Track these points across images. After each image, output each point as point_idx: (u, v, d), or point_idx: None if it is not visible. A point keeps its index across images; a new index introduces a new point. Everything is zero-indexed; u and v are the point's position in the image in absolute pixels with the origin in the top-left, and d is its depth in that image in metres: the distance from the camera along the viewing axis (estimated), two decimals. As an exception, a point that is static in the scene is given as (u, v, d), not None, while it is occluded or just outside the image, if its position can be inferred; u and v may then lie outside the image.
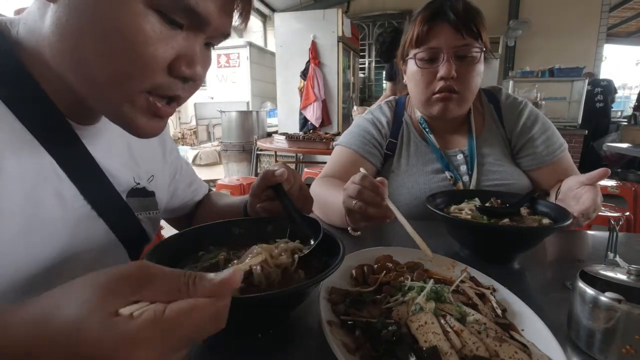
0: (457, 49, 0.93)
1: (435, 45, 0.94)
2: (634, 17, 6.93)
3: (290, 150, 3.28)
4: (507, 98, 1.10)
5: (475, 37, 0.93)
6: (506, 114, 1.07)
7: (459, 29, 0.91)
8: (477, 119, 1.08)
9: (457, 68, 0.93)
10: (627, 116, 5.94)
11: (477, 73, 0.97)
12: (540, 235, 0.72)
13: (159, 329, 0.25)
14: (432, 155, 1.07)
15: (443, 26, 0.93)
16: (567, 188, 0.82)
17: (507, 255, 0.73)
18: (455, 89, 0.95)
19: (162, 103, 0.48)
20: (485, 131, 1.07)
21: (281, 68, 4.75)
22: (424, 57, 0.96)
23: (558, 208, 0.77)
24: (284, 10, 6.42)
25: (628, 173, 3.00)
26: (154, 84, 0.46)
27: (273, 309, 0.49)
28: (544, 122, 1.06)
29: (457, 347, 0.41)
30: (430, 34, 0.95)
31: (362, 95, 6.35)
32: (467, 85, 0.96)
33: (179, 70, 0.46)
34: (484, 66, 1.00)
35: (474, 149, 1.04)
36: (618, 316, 0.43)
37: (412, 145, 1.09)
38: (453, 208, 0.84)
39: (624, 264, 0.65)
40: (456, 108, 0.99)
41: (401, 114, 1.14)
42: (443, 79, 0.94)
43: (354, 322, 0.46)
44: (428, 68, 0.96)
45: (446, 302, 0.49)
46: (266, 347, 0.48)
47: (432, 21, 0.94)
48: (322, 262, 0.56)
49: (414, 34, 0.97)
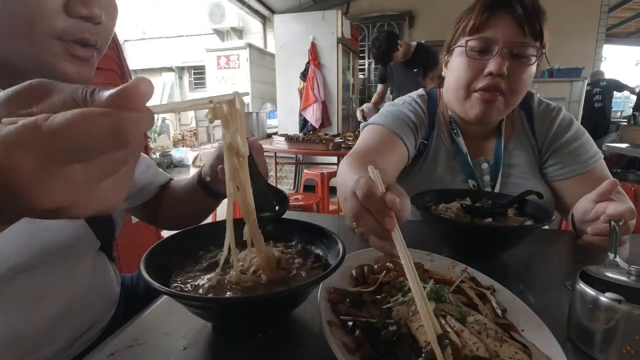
0: (514, 45, 0.83)
1: (491, 36, 0.84)
2: (634, 18, 6.94)
3: (290, 151, 3.28)
4: (540, 105, 1.02)
5: (536, 36, 0.84)
6: (538, 122, 0.99)
7: (522, 24, 0.82)
8: (507, 126, 1.01)
9: (509, 66, 0.83)
10: (627, 116, 5.94)
11: (529, 76, 0.87)
12: (516, 235, 0.72)
13: (41, 133, 0.22)
14: (457, 161, 0.99)
15: (505, 17, 0.84)
16: (582, 212, 0.72)
17: (485, 254, 0.74)
18: (502, 88, 0.86)
19: (77, 47, 0.52)
20: (514, 140, 1.00)
21: (281, 69, 4.75)
22: (476, 47, 0.86)
23: (544, 210, 0.77)
24: (283, 11, 6.43)
25: (628, 173, 2.99)
26: (57, 27, 0.49)
27: (273, 309, 0.49)
28: (578, 129, 0.97)
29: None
30: (488, 22, 0.85)
31: (362, 97, 6.35)
32: (516, 88, 0.87)
33: (74, 9, 0.50)
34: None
35: (501, 159, 0.97)
36: (618, 316, 0.43)
37: (442, 150, 1.00)
38: (441, 206, 0.84)
39: (624, 264, 0.65)
40: (497, 113, 0.90)
41: (433, 111, 1.04)
42: (491, 74, 0.84)
43: (354, 322, 0.46)
44: (478, 59, 0.86)
45: (446, 302, 0.49)
46: (266, 347, 0.48)
47: (494, 9, 0.85)
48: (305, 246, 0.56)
49: (470, 21, 0.87)
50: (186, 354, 0.47)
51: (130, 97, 0.24)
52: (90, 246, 0.68)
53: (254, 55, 6.14)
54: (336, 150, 3.00)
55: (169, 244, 0.56)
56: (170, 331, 0.51)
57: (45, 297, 0.59)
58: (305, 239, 0.62)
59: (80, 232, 0.64)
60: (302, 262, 0.56)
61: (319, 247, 0.60)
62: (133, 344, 0.48)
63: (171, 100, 9.92)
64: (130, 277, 0.89)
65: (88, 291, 0.66)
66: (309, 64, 4.46)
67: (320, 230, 0.60)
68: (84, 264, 0.66)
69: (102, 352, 0.47)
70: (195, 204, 0.84)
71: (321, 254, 0.59)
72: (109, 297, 0.74)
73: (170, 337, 0.50)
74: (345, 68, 4.81)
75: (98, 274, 0.70)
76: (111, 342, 0.49)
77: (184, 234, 0.60)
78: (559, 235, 0.91)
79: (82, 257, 0.66)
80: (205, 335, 0.50)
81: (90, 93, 0.25)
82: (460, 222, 0.76)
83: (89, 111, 0.23)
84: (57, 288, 0.61)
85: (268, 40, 7.34)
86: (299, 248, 0.61)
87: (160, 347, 0.48)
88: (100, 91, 0.25)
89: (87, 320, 0.66)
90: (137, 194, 0.85)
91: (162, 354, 0.47)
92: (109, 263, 0.76)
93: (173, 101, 0.43)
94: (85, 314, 0.66)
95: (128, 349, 0.48)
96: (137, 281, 0.88)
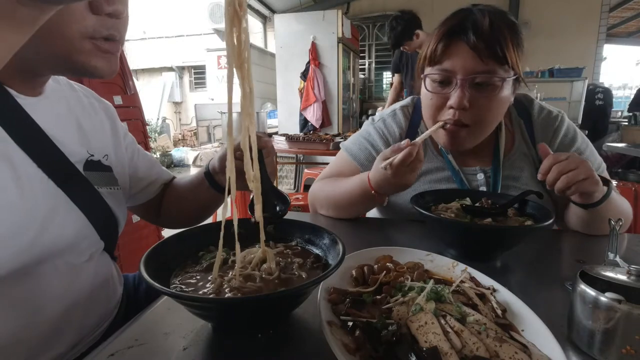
0: (474, 75, 0.79)
1: (449, 67, 0.81)
2: (634, 17, 6.92)
3: (290, 151, 3.28)
4: (541, 112, 0.95)
5: (499, 61, 0.78)
6: (539, 131, 0.94)
7: (479, 52, 0.77)
8: (507, 135, 0.95)
9: (471, 97, 0.80)
10: (627, 116, 5.93)
11: (499, 104, 0.82)
12: (516, 235, 0.72)
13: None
14: (446, 172, 0.95)
15: (461, 46, 0.79)
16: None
17: (485, 254, 0.74)
18: (464, 122, 0.82)
19: (105, 42, 0.56)
20: (515, 151, 0.94)
21: (281, 69, 4.75)
22: (436, 79, 0.83)
23: (544, 210, 0.77)
24: (283, 11, 6.43)
25: (628, 173, 2.98)
26: (88, 27, 0.52)
27: (273, 309, 0.49)
28: (583, 140, 0.92)
29: (457, 348, 0.41)
30: (446, 52, 0.81)
31: (362, 96, 6.35)
32: (482, 119, 0.83)
33: (100, 7, 0.52)
34: (514, 90, 0.86)
35: (500, 170, 0.91)
36: (618, 316, 0.43)
37: (427, 161, 0.96)
38: (441, 206, 0.84)
39: (624, 264, 0.65)
40: (467, 142, 0.87)
41: (417, 122, 1.00)
42: (452, 108, 0.81)
43: (354, 322, 0.46)
44: (438, 93, 0.84)
45: (446, 302, 0.49)
46: (266, 347, 0.48)
47: (450, 38, 0.80)
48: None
49: (428, 50, 0.85)
50: (186, 354, 0.47)
51: None
52: (94, 247, 0.68)
53: (254, 55, 6.13)
54: (337, 150, 2.98)
55: (169, 244, 0.56)
56: (170, 331, 0.51)
57: (49, 299, 0.59)
58: (305, 239, 0.62)
59: (84, 232, 0.63)
60: (302, 262, 0.56)
61: (319, 247, 0.60)
62: (133, 344, 0.48)
63: (172, 100, 9.91)
64: (132, 276, 0.89)
65: (91, 292, 0.66)
66: (309, 64, 4.46)
67: (320, 231, 0.60)
68: (87, 265, 0.66)
69: (102, 353, 0.47)
70: (200, 199, 0.85)
71: (321, 254, 0.59)
72: (112, 298, 0.74)
73: (170, 337, 0.50)
74: (345, 68, 4.81)
75: (101, 274, 0.70)
76: (111, 343, 0.49)
77: (184, 234, 0.60)
78: (559, 235, 0.91)
79: (86, 258, 0.66)
80: (205, 335, 0.50)
81: None
82: (460, 222, 0.76)
83: None
84: (61, 290, 0.61)
85: (268, 40, 7.34)
86: (299, 248, 0.61)
87: (160, 348, 0.48)
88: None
89: (90, 322, 0.66)
90: (141, 192, 0.85)
91: (162, 354, 0.47)
92: (112, 263, 0.76)
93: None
94: (89, 315, 0.66)
95: (128, 349, 0.48)
96: (140, 281, 0.88)
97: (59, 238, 0.58)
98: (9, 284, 0.53)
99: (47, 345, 0.58)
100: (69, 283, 0.62)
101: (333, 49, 4.46)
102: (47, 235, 0.56)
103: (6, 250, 0.51)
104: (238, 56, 0.40)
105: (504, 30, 0.78)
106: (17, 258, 0.53)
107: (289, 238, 0.63)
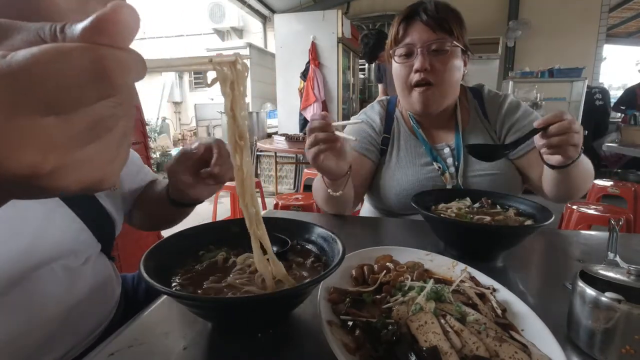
0: (429, 43, 1.00)
1: (410, 42, 1.02)
2: (634, 18, 6.92)
3: (290, 151, 3.28)
4: (490, 93, 1.17)
5: (447, 32, 1.00)
6: (489, 107, 1.14)
7: (430, 25, 1.00)
8: (463, 114, 1.14)
9: (431, 61, 1.00)
10: (624, 116, 5.94)
11: (452, 66, 1.02)
12: (516, 235, 0.72)
13: (3, 73, 0.18)
14: (421, 148, 1.12)
15: (417, 24, 1.02)
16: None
17: (485, 254, 0.74)
18: (430, 81, 1.01)
19: None
20: (470, 125, 1.13)
21: (281, 69, 4.75)
22: (402, 53, 1.05)
23: (543, 210, 0.77)
24: (283, 11, 6.42)
25: (628, 173, 2.98)
26: None
27: (273, 309, 0.49)
28: (527, 109, 1.10)
29: (457, 347, 0.41)
30: (406, 32, 1.04)
31: (362, 96, 6.35)
32: (443, 78, 1.01)
33: None
34: (464, 63, 1.07)
35: (460, 142, 1.10)
36: (618, 316, 0.43)
37: (403, 140, 1.15)
38: (441, 206, 0.85)
39: (624, 264, 0.65)
40: (436, 101, 1.04)
41: (393, 110, 1.22)
42: (418, 71, 1.01)
43: (354, 322, 0.46)
44: (405, 62, 1.05)
45: (446, 302, 0.49)
46: (266, 347, 0.48)
47: (407, 21, 1.04)
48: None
49: (392, 33, 1.07)
50: (186, 354, 0.47)
51: (110, 29, 0.20)
52: (91, 249, 0.67)
53: (254, 55, 6.13)
54: (336, 150, 2.99)
55: (169, 243, 0.56)
56: (170, 331, 0.51)
57: (47, 302, 0.58)
58: (305, 239, 0.62)
59: (81, 236, 0.63)
60: (302, 262, 0.56)
61: (319, 247, 0.60)
62: (133, 344, 0.48)
63: (172, 100, 9.92)
64: (131, 276, 0.89)
65: (89, 294, 0.66)
66: (309, 64, 4.46)
67: (320, 230, 0.60)
68: (85, 268, 0.66)
69: (102, 352, 0.47)
70: (165, 214, 0.82)
71: (321, 253, 0.59)
72: (110, 299, 0.73)
73: (170, 337, 0.50)
74: (345, 68, 4.81)
75: (99, 276, 0.70)
76: (111, 342, 0.49)
77: (184, 233, 0.60)
78: (559, 235, 0.91)
79: (83, 261, 0.66)
80: (205, 335, 0.50)
81: (60, 29, 0.20)
82: (460, 222, 0.76)
83: (59, 45, 0.19)
84: (59, 293, 0.60)
85: (268, 40, 7.34)
86: (299, 248, 0.61)
87: (160, 347, 0.48)
88: (73, 25, 0.20)
89: (88, 323, 0.66)
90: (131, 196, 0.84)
91: (162, 354, 0.47)
92: (109, 264, 0.76)
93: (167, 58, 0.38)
94: (87, 318, 0.66)
95: (128, 348, 0.48)
96: (139, 280, 0.88)
97: (55, 243, 0.58)
98: (5, 289, 0.53)
99: (44, 349, 0.58)
100: (67, 286, 0.62)
101: (333, 49, 4.46)
102: (42, 240, 0.56)
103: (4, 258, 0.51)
104: (241, 184, 0.44)
105: (448, 13, 1.02)
106: (12, 264, 0.52)
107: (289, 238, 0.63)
